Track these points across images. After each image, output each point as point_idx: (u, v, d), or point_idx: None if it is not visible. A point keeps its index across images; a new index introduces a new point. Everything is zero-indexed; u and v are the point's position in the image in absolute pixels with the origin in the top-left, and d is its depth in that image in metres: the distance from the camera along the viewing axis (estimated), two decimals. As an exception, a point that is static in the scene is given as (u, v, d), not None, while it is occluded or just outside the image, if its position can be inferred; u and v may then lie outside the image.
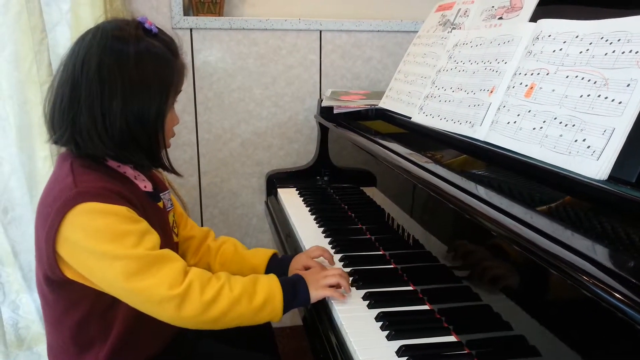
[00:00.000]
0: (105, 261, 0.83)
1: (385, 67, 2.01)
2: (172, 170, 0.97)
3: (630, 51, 0.75)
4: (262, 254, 1.13)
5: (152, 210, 0.95)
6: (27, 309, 1.72)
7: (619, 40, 0.78)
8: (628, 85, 0.73)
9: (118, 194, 0.86)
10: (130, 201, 0.88)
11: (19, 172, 1.62)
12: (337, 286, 0.97)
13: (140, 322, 0.90)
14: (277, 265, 1.11)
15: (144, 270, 0.83)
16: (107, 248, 0.82)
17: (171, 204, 1.05)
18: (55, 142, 0.90)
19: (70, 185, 0.84)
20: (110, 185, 0.86)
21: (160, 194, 1.01)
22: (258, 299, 0.90)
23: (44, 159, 1.63)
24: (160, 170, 0.99)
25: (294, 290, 0.94)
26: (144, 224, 0.87)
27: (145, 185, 0.97)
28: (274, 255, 1.13)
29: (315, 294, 0.95)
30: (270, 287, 0.92)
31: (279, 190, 1.70)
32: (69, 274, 0.87)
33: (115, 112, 0.85)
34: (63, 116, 0.87)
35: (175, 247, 1.04)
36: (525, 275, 0.70)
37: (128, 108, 0.86)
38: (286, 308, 0.92)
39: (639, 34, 0.76)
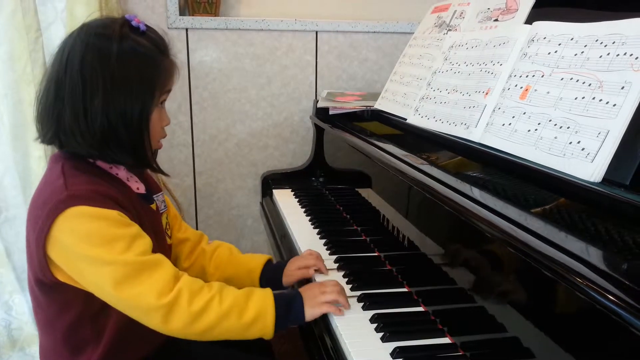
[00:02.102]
0: (94, 266, 0.82)
1: (381, 68, 2.01)
2: (159, 171, 0.96)
3: (625, 54, 0.76)
4: (258, 258, 1.12)
5: (145, 212, 0.95)
6: (20, 309, 1.71)
7: (613, 42, 0.78)
8: (622, 87, 0.74)
9: (109, 198, 0.85)
10: (122, 204, 0.87)
11: (12, 171, 1.61)
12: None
13: (133, 325, 0.88)
14: (272, 270, 1.10)
15: (132, 277, 0.82)
16: (97, 253, 0.81)
17: (164, 206, 1.05)
18: (42, 140, 0.90)
19: (61, 188, 0.84)
20: (101, 188, 0.86)
21: (154, 196, 1.00)
22: (248, 315, 0.88)
23: (38, 158, 1.62)
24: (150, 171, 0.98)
25: (288, 308, 0.91)
26: (135, 228, 0.86)
27: (138, 187, 0.96)
28: (269, 261, 1.12)
29: (311, 312, 0.92)
30: (263, 304, 0.89)
31: (274, 191, 1.69)
32: (60, 277, 0.86)
33: (97, 110, 0.84)
34: (49, 113, 0.86)
35: (168, 249, 1.03)
36: (519, 277, 0.70)
37: (109, 106, 0.84)
38: (278, 327, 0.90)
39: (634, 37, 0.76)
